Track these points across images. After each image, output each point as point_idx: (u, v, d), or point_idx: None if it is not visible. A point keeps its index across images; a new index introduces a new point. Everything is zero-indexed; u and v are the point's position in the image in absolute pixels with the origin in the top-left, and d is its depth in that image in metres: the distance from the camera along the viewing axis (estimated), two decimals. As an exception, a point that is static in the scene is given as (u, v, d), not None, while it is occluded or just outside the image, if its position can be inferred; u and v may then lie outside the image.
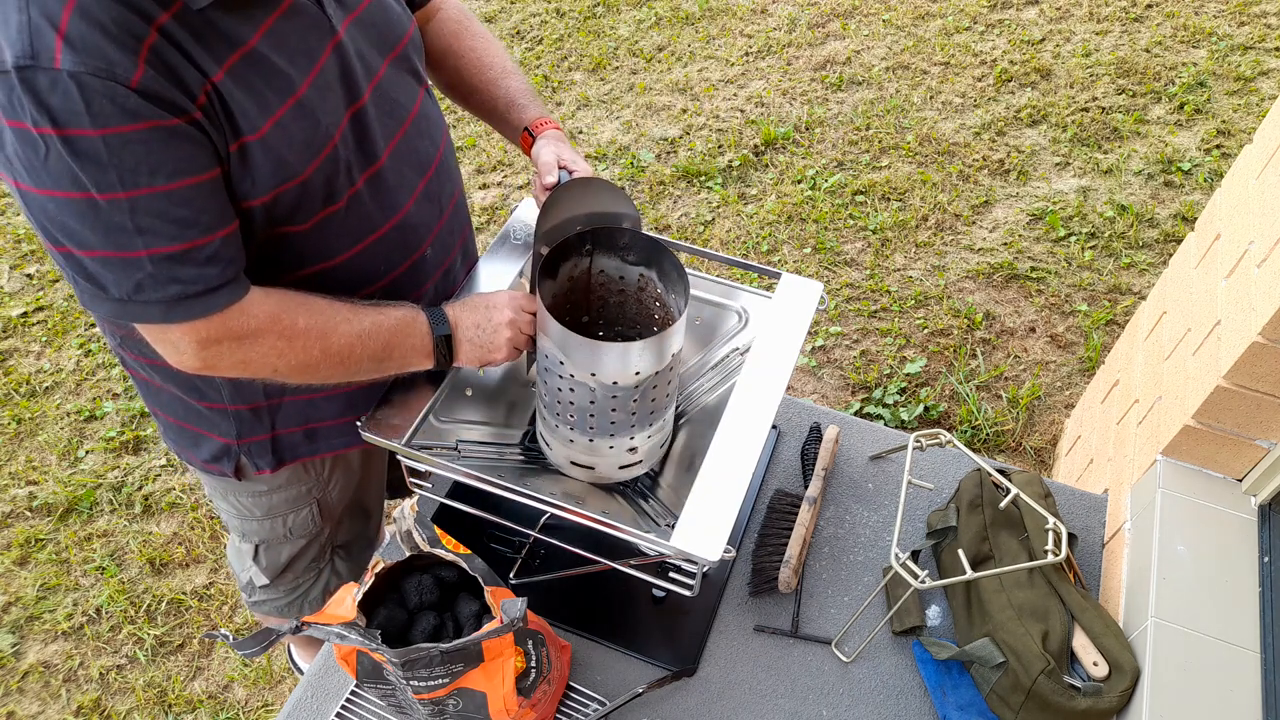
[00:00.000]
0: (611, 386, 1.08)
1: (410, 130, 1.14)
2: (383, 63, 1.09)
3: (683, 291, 1.12)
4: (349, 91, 1.04)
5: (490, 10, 3.85)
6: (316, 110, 0.99)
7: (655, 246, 1.15)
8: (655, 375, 1.09)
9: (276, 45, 0.95)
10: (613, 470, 1.22)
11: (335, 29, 1.01)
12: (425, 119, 1.18)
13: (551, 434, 1.20)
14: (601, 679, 1.27)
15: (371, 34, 1.08)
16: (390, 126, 1.11)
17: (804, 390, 2.53)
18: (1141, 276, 2.71)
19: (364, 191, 1.08)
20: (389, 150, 1.10)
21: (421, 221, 1.19)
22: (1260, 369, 1.22)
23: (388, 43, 1.11)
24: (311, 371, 1.06)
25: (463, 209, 1.31)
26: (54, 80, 0.81)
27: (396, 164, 1.12)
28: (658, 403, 1.15)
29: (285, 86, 0.96)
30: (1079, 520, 1.46)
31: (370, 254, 1.13)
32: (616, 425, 1.14)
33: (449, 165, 1.25)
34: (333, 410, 1.26)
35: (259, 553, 1.46)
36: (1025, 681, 1.17)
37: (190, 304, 0.94)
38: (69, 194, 0.86)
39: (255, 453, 1.26)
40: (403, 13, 1.15)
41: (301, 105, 0.97)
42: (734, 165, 3.12)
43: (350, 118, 1.04)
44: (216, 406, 1.21)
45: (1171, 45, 3.44)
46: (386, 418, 1.15)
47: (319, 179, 1.02)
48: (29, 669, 2.04)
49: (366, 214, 1.10)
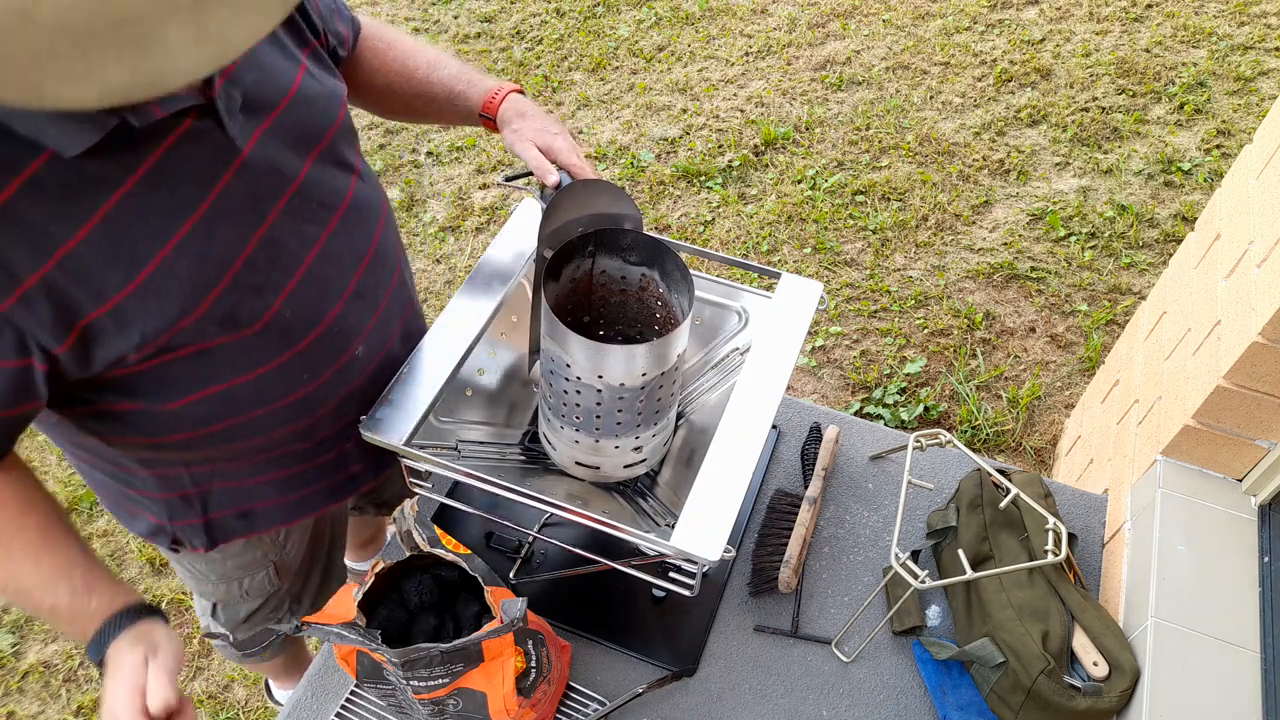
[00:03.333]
0: (618, 388, 1.08)
1: (339, 228, 1.04)
2: (304, 165, 0.99)
3: (686, 291, 1.12)
4: (255, 214, 0.93)
5: (490, 10, 3.85)
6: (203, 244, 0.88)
7: (657, 247, 1.15)
8: (661, 375, 1.10)
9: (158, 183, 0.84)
10: (617, 469, 1.22)
11: (240, 148, 0.90)
12: (356, 210, 1.07)
13: (555, 435, 1.20)
14: (601, 679, 1.27)
15: (290, 136, 0.97)
16: (313, 232, 1.01)
17: (804, 390, 2.53)
18: (1141, 276, 2.71)
19: (283, 310, 0.99)
20: (311, 258, 1.01)
21: (352, 322, 1.09)
22: (1260, 369, 1.22)
23: (311, 140, 1.00)
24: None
25: (403, 290, 1.22)
26: None
27: (321, 270, 1.02)
28: (663, 402, 1.15)
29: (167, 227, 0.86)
30: (1079, 520, 1.46)
31: (291, 366, 1.04)
32: (623, 425, 1.14)
33: (386, 251, 1.14)
34: (267, 493, 1.20)
35: (216, 610, 1.43)
36: (1025, 681, 1.17)
37: None
38: None
39: (189, 534, 1.20)
40: (330, 95, 1.04)
41: (185, 243, 0.87)
42: (734, 165, 3.12)
43: (259, 240, 0.94)
44: (144, 494, 1.14)
45: (1171, 45, 3.44)
46: (386, 418, 1.15)
47: (217, 311, 0.92)
48: (29, 669, 2.04)
49: (285, 329, 1.01)
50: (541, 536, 1.29)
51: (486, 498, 1.36)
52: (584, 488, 1.26)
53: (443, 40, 3.71)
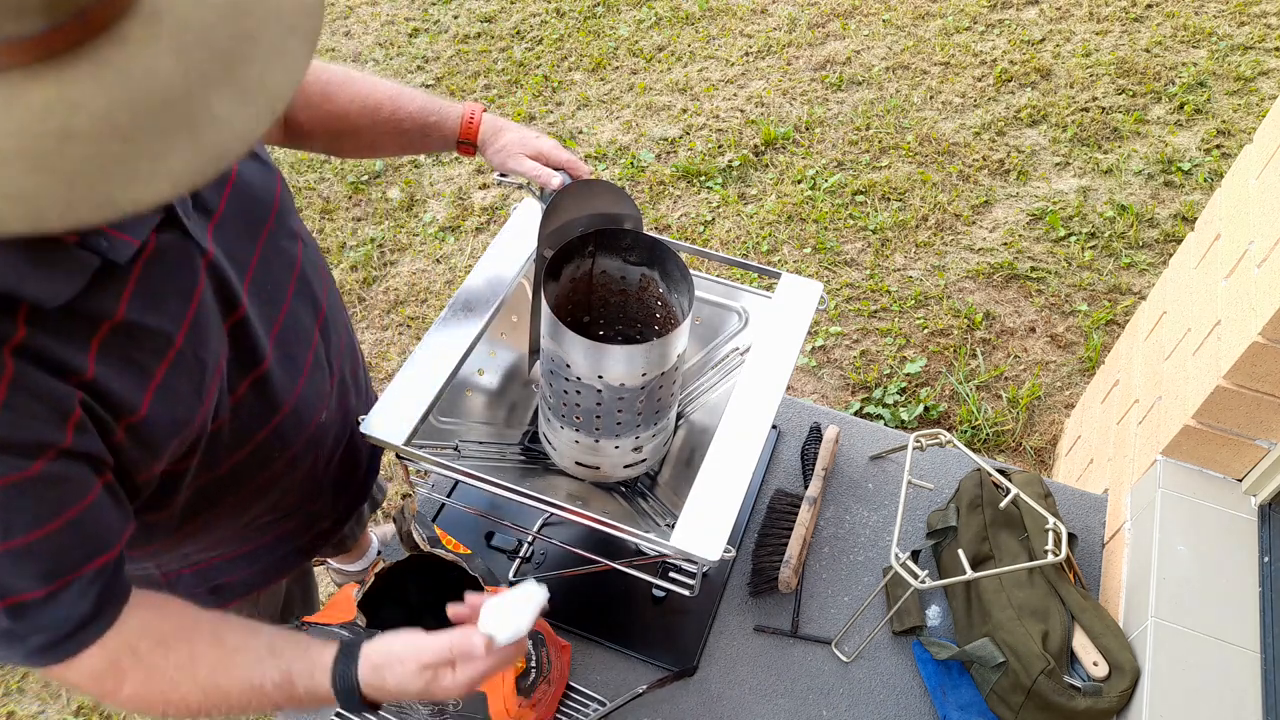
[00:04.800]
0: (619, 388, 1.08)
1: (293, 304, 1.02)
2: (256, 248, 0.96)
3: (686, 291, 1.12)
4: (226, 307, 0.91)
5: (490, 10, 3.85)
6: (197, 352, 0.87)
7: (657, 247, 1.15)
8: (661, 375, 1.10)
9: (145, 304, 0.81)
10: (617, 469, 1.22)
11: (205, 248, 0.87)
12: (305, 280, 1.05)
13: (556, 435, 1.20)
14: (601, 679, 1.27)
15: (239, 225, 0.94)
16: (272, 314, 0.98)
17: (804, 390, 2.53)
18: (1141, 276, 2.71)
19: (247, 397, 0.97)
20: (273, 341, 0.98)
21: (314, 392, 1.08)
22: (1260, 369, 1.22)
23: (258, 224, 0.97)
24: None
25: (350, 346, 1.21)
26: None
27: (282, 351, 1.00)
28: (663, 402, 1.15)
29: (162, 346, 0.83)
30: (1079, 520, 1.46)
31: (261, 449, 1.02)
32: (623, 425, 1.14)
33: (334, 316, 1.13)
34: (237, 568, 1.20)
35: None
36: (1025, 681, 1.17)
37: (58, 649, 0.82)
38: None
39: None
40: (264, 170, 1.00)
41: (180, 357, 0.85)
42: (734, 165, 3.12)
43: (229, 332, 0.92)
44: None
45: (1171, 45, 3.44)
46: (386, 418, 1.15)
47: (209, 413, 0.91)
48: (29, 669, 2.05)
49: (253, 415, 0.99)
50: (541, 536, 1.29)
51: (486, 498, 1.37)
52: (584, 488, 1.26)
53: (442, 40, 3.71)
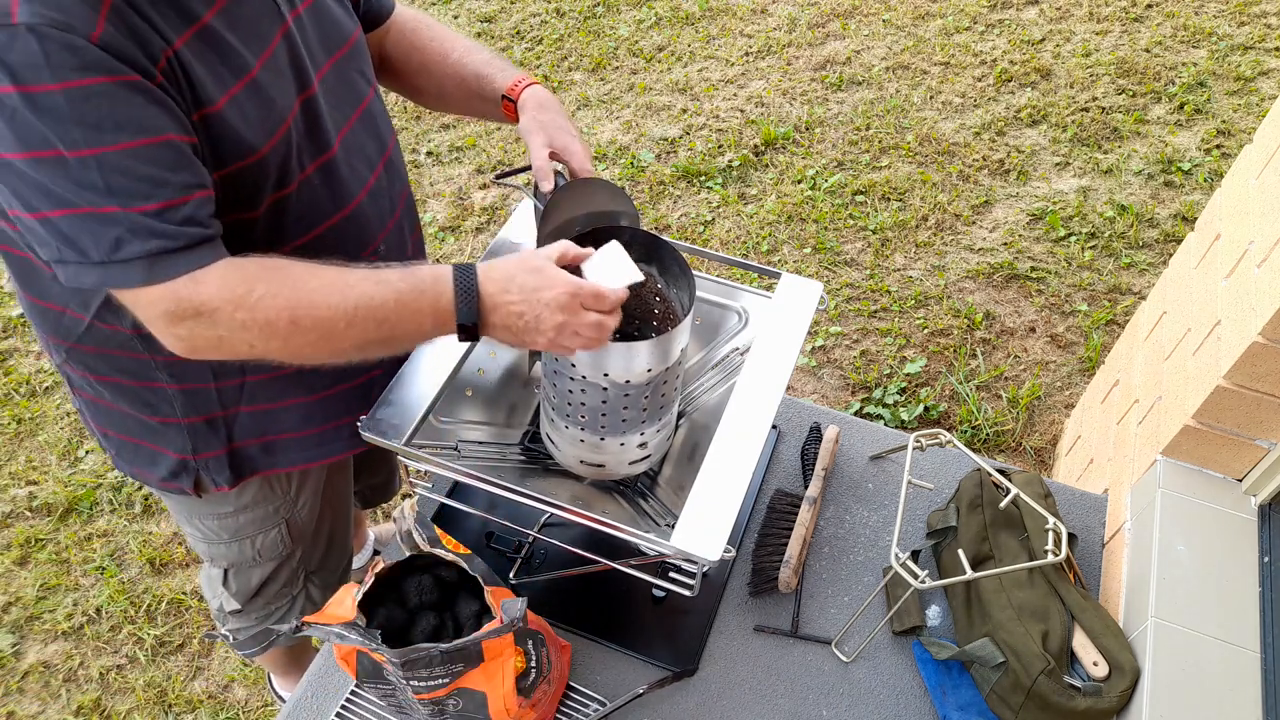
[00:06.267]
0: (623, 385, 1.08)
1: (358, 125, 1.15)
2: (328, 60, 1.10)
3: (687, 286, 1.12)
4: (299, 78, 1.04)
5: (490, 10, 3.86)
6: (269, 91, 0.99)
7: (656, 243, 1.15)
8: (665, 371, 1.10)
9: (229, 24, 0.95)
10: (621, 466, 1.22)
11: (284, 17, 1.02)
12: (373, 116, 1.18)
13: (559, 434, 1.20)
14: (601, 679, 1.27)
15: (317, 32, 1.08)
16: (339, 119, 1.11)
17: (804, 390, 2.53)
18: (1141, 276, 2.71)
19: (315, 178, 1.08)
20: (339, 140, 1.11)
21: (374, 214, 1.18)
22: (1260, 369, 1.22)
23: (333, 42, 1.11)
24: (290, 349, 0.97)
25: (413, 210, 1.31)
26: (12, 35, 0.80)
27: (346, 155, 1.12)
28: (667, 397, 1.15)
29: (240, 65, 0.96)
30: (1079, 520, 1.46)
31: (321, 243, 1.10)
32: (628, 423, 1.14)
33: (397, 165, 1.25)
34: (291, 422, 1.22)
35: (228, 577, 1.43)
36: (1025, 681, 1.17)
37: (173, 260, 0.91)
38: (38, 153, 0.85)
39: (213, 468, 1.22)
40: (348, 19, 1.15)
41: (255, 84, 0.97)
42: (734, 165, 3.12)
43: (301, 104, 1.04)
44: (169, 420, 1.17)
45: (1171, 45, 3.44)
46: (386, 418, 1.15)
47: (273, 159, 1.01)
48: (29, 669, 2.04)
49: (317, 201, 1.09)
50: (541, 536, 1.29)
51: (486, 498, 1.37)
52: (584, 488, 1.26)
53: (443, 40, 3.72)
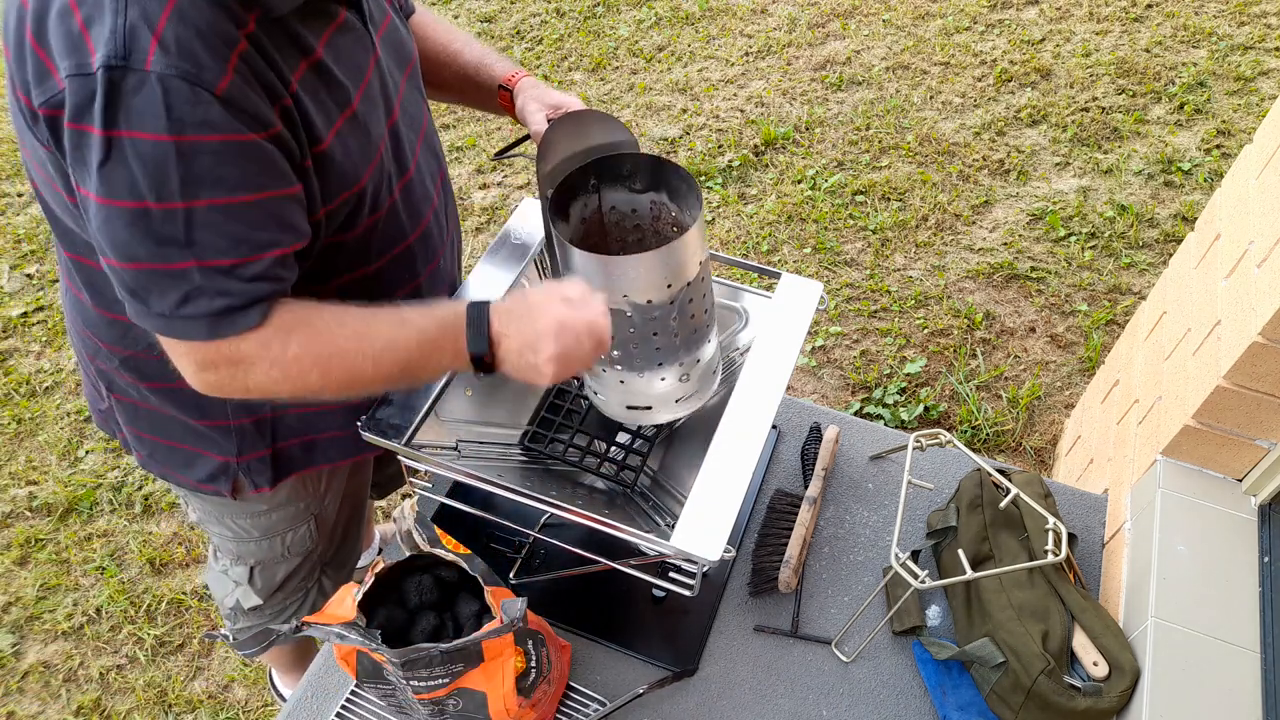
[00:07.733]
0: (646, 306, 1.06)
1: (424, 145, 1.19)
2: (402, 78, 1.13)
3: (695, 202, 1.10)
4: (387, 104, 1.08)
5: (490, 10, 3.86)
6: (367, 120, 1.02)
7: (659, 166, 1.13)
8: (688, 286, 1.07)
9: (335, 57, 0.97)
10: (667, 406, 1.19)
11: (374, 44, 1.04)
12: (432, 134, 1.22)
13: (599, 382, 1.19)
14: (601, 679, 1.27)
15: (393, 52, 1.11)
16: (412, 139, 1.15)
17: (804, 390, 2.53)
18: (1141, 276, 2.71)
19: (399, 201, 1.12)
20: (414, 161, 1.15)
21: (436, 233, 1.23)
22: (1260, 369, 1.22)
23: (404, 60, 1.15)
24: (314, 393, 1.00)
25: (456, 234, 1.35)
26: (140, 81, 0.80)
27: (419, 175, 1.16)
28: (696, 319, 1.12)
29: (342, 99, 0.98)
30: (1079, 520, 1.46)
31: (399, 262, 1.16)
32: (663, 351, 1.12)
33: (448, 184, 1.30)
34: (336, 421, 1.24)
35: (254, 574, 1.44)
36: (1025, 681, 1.17)
37: (235, 318, 0.91)
38: (122, 203, 0.84)
39: (254, 470, 1.24)
40: (408, 35, 1.19)
41: (355, 117, 1.00)
42: (734, 165, 3.12)
43: (389, 130, 1.08)
44: (219, 424, 1.19)
45: (1171, 45, 3.44)
46: (387, 418, 1.15)
47: (370, 187, 1.04)
48: (29, 669, 2.04)
49: (399, 223, 1.14)
50: (541, 536, 1.29)
51: (486, 498, 1.37)
52: (584, 488, 1.26)
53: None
